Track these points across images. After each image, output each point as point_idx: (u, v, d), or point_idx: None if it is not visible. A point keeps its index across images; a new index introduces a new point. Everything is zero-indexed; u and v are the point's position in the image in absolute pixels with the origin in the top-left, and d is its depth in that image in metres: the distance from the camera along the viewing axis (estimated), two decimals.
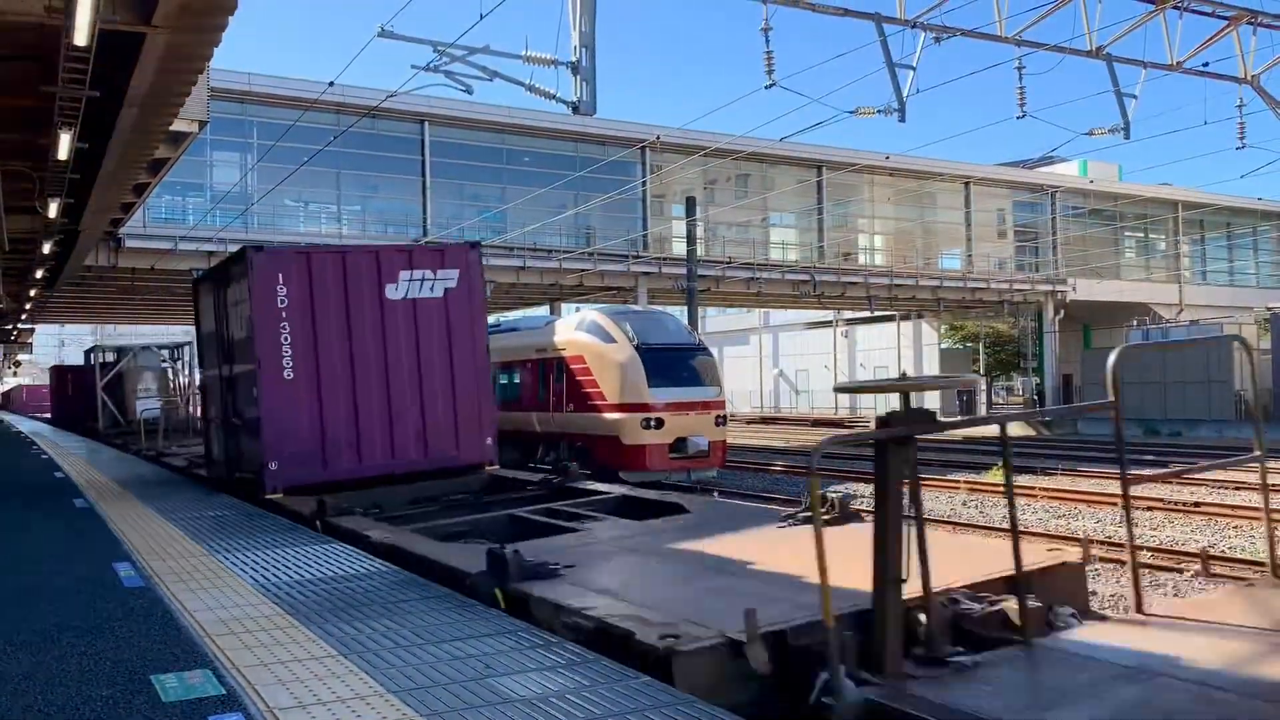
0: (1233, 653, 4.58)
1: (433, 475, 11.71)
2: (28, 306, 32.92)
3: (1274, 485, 6.09)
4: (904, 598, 4.52)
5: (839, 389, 5.93)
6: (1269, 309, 38.58)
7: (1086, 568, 6.68)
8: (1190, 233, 50.10)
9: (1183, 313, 45.51)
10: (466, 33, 21.46)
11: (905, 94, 17.64)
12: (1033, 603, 5.01)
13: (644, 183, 34.17)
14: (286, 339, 11.01)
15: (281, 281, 11.04)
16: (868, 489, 20.99)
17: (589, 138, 33.20)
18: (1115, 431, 5.69)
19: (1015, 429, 38.52)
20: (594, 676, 4.46)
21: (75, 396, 37.87)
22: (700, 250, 31.60)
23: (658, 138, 32.47)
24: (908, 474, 4.61)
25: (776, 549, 7.00)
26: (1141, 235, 50.26)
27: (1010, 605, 4.98)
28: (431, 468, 11.74)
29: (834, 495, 7.97)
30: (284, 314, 11.04)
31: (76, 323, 65.75)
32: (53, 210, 14.65)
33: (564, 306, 36.68)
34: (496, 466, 12.49)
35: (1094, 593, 9.78)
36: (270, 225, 29.79)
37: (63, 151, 11.22)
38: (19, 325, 41.15)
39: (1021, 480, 21.09)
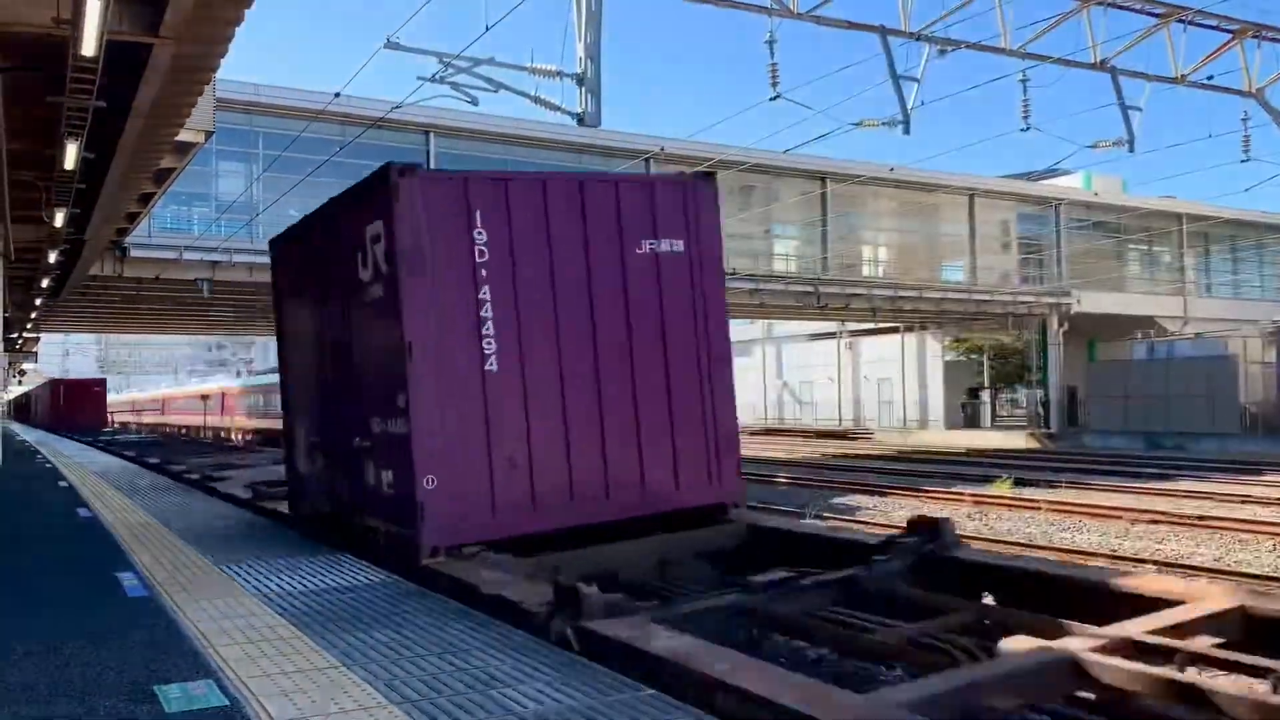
0: None
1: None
2: (33, 315, 32.99)
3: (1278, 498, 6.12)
4: None
5: None
6: (1274, 322, 38.53)
7: None
8: (1194, 245, 50.03)
9: (1187, 325, 45.43)
10: (472, 44, 21.63)
11: (910, 106, 17.68)
12: None
13: None
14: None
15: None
16: (870, 500, 20.95)
17: (594, 149, 33.22)
18: None
19: (1019, 441, 38.58)
20: (600, 689, 4.44)
21: None
22: None
23: (662, 149, 32.49)
24: None
25: None
26: (1146, 248, 50.17)
27: None
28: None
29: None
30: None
31: (81, 332, 65.91)
32: (59, 220, 14.71)
33: None
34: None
35: None
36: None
37: (69, 161, 11.26)
38: (24, 334, 41.23)
39: (1026, 493, 21.04)
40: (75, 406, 48.87)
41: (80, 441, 33.87)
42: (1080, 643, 4.89)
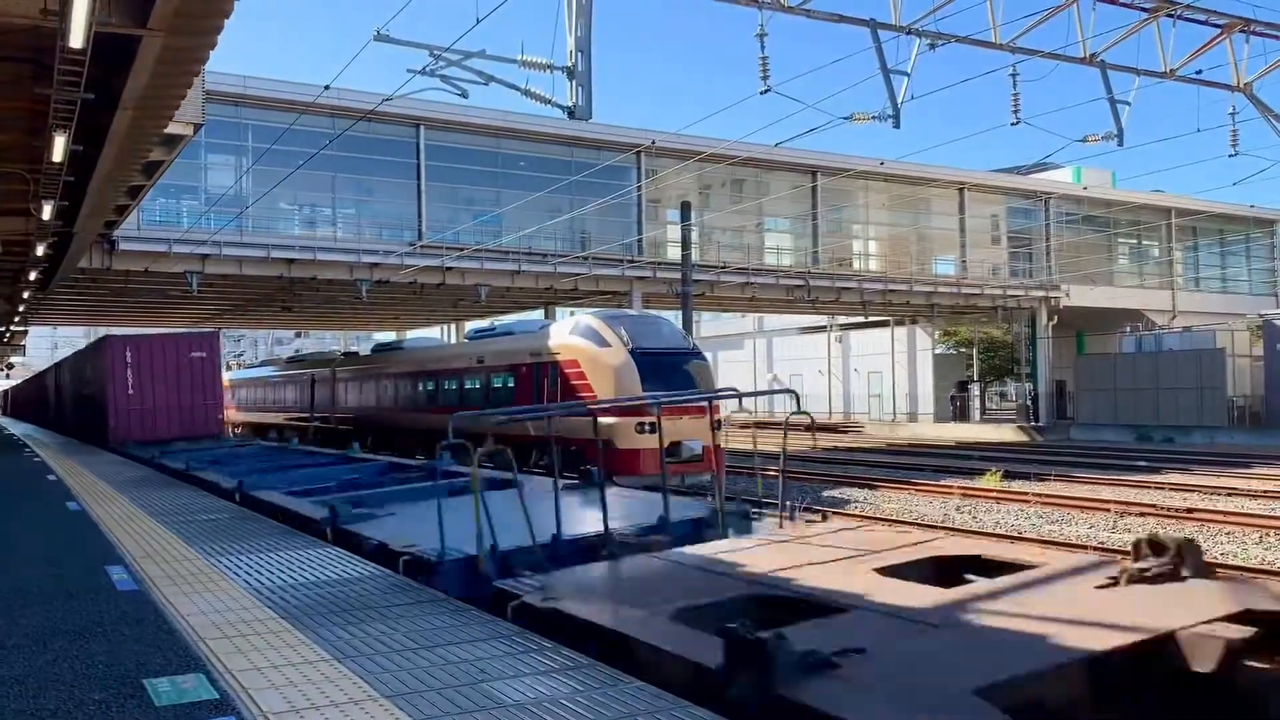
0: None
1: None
2: (21, 308, 32.81)
3: (1269, 490, 6.12)
4: None
5: None
6: (1261, 316, 38.70)
7: None
8: (1183, 239, 50.21)
9: (1175, 319, 45.63)
10: (462, 37, 21.46)
11: (900, 100, 17.67)
12: None
13: (639, 187, 34.17)
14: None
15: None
16: (860, 493, 21.02)
17: (584, 142, 33.21)
18: None
19: (1008, 434, 38.71)
20: (588, 682, 4.46)
21: None
22: (695, 255, 31.59)
23: (653, 142, 32.48)
24: None
25: None
26: (1135, 242, 50.37)
27: None
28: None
29: None
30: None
31: (70, 325, 65.50)
32: (47, 212, 14.62)
33: (558, 311, 36.67)
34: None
35: None
36: (265, 229, 29.74)
37: (57, 154, 11.19)
38: (12, 327, 41.02)
39: (1015, 486, 21.13)
40: (163, 396, 23.66)
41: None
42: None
